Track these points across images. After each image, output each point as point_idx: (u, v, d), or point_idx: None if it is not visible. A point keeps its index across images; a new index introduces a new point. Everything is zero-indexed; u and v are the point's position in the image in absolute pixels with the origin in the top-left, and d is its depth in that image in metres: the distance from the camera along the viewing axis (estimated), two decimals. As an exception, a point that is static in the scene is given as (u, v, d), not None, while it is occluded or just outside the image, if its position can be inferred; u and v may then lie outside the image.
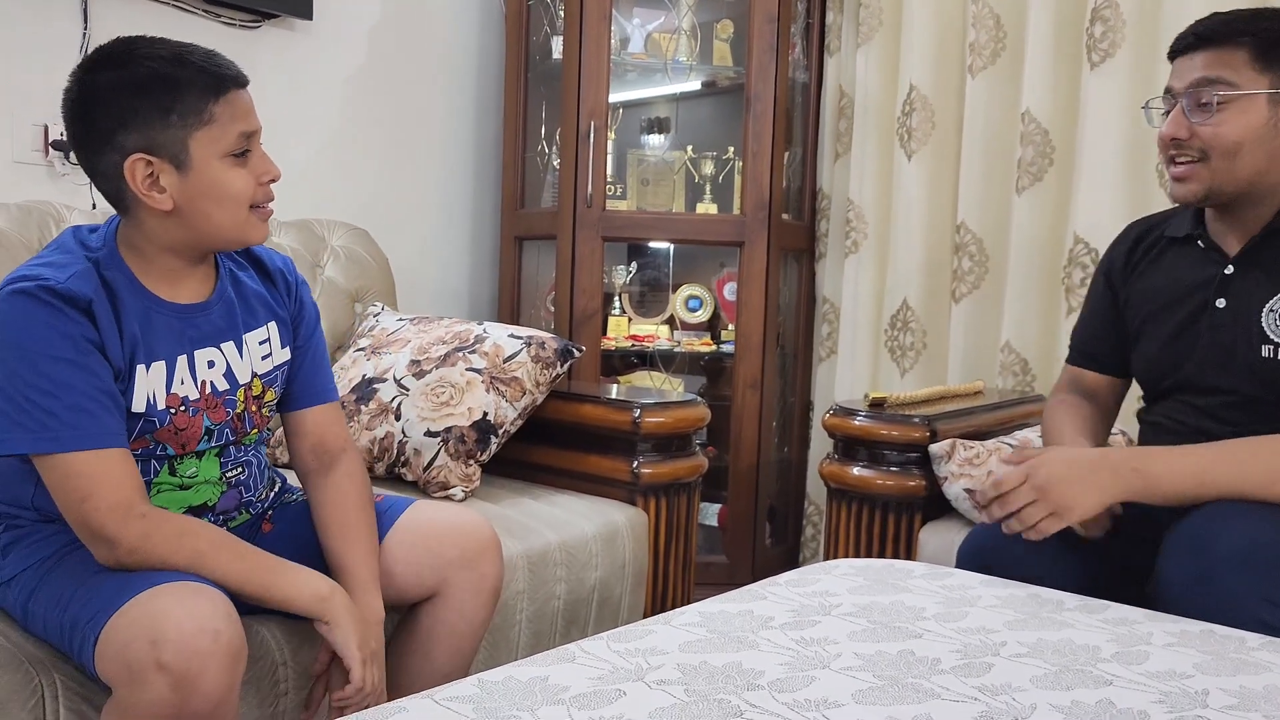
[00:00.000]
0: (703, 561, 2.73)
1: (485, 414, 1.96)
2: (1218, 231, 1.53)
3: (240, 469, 1.41)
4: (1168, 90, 1.48)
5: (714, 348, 2.97)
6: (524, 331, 2.10)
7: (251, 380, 1.39)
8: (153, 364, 1.27)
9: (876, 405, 2.05)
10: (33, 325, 1.17)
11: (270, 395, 1.43)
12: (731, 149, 2.94)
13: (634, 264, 3.08)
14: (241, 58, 1.37)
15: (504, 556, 1.53)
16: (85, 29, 2.22)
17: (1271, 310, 1.45)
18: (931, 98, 2.69)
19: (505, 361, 2.02)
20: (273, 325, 1.42)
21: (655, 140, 3.06)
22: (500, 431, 1.98)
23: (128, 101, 1.20)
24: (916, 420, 1.94)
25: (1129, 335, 1.64)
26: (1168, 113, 1.48)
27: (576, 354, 2.10)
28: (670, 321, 3.06)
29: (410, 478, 1.96)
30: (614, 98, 2.83)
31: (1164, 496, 1.40)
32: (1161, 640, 1.12)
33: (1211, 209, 1.53)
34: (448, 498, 1.92)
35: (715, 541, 2.93)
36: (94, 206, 2.17)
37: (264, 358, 1.41)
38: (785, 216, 2.88)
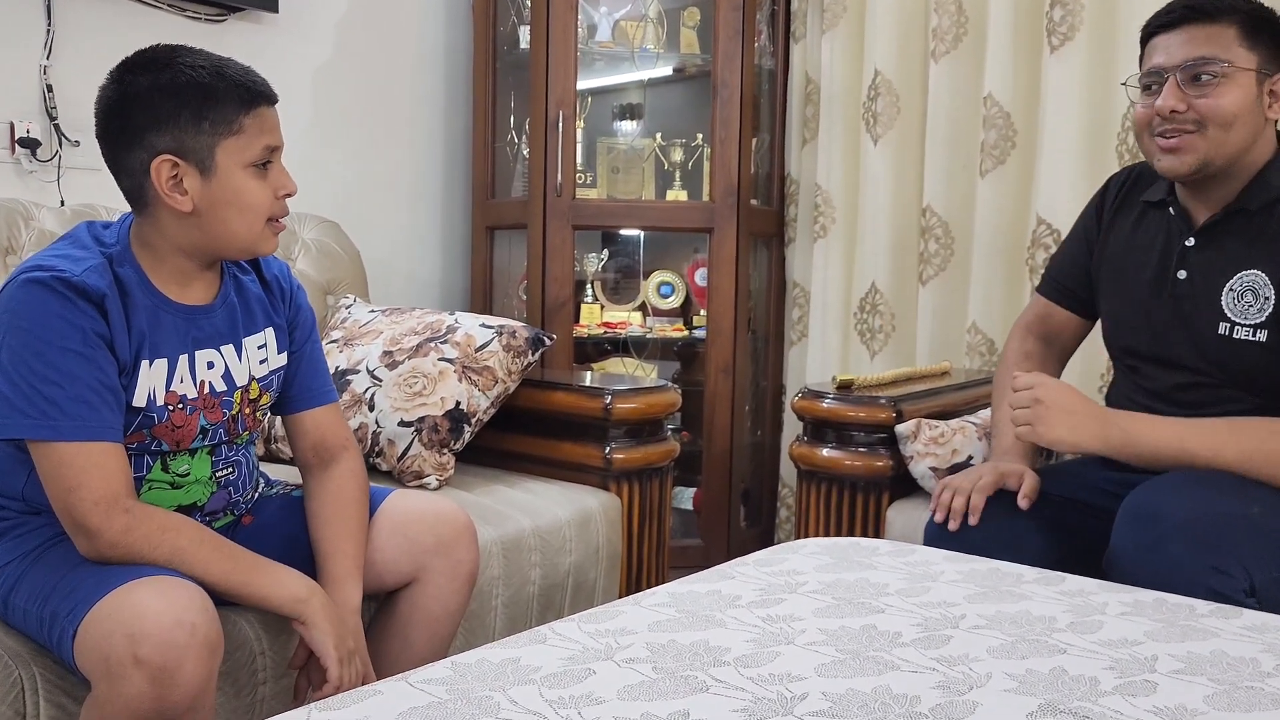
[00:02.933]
0: (679, 545, 2.76)
1: (458, 403, 1.98)
2: (1187, 200, 1.57)
3: (230, 469, 1.43)
4: (1155, 68, 1.49)
5: (686, 333, 3.00)
6: (495, 321, 2.12)
7: (249, 383, 1.41)
8: (156, 360, 1.30)
9: (844, 388, 2.08)
10: (45, 314, 1.19)
11: (265, 399, 1.45)
12: (700, 136, 2.95)
13: (606, 251, 3.10)
14: (207, 53, 1.38)
15: (479, 543, 1.56)
16: (49, 25, 2.20)
17: (1230, 290, 1.49)
18: (896, 83, 2.72)
19: (477, 351, 2.04)
20: (270, 330, 1.45)
21: (624, 128, 3.07)
22: (473, 420, 2.00)
23: (165, 104, 1.24)
24: (882, 401, 1.97)
25: (1094, 280, 1.69)
26: (1149, 88, 1.51)
27: (548, 342, 2.13)
28: (642, 308, 3.08)
29: (385, 467, 1.98)
30: (582, 86, 2.84)
31: (1139, 456, 1.46)
32: (1116, 610, 1.15)
33: (1181, 185, 1.57)
34: (422, 486, 1.94)
35: (691, 525, 2.96)
36: (62, 204, 2.16)
37: (261, 362, 1.43)
38: (754, 202, 2.91)
